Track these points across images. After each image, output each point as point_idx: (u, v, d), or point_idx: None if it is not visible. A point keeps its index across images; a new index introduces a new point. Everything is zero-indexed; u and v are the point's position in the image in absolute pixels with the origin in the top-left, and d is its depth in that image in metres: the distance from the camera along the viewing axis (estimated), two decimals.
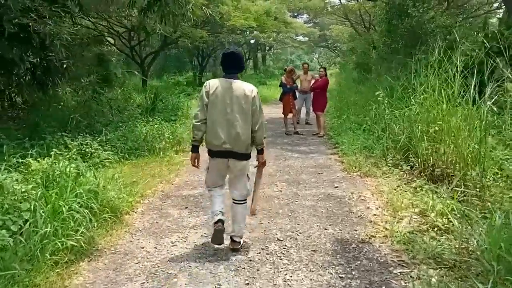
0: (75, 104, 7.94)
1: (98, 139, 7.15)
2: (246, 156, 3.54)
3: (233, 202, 3.70)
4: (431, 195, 4.90)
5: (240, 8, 20.67)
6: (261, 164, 3.72)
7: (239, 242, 3.73)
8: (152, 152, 7.38)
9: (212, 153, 3.56)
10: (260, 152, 3.64)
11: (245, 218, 3.78)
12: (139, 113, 9.84)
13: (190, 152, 3.72)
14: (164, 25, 15.55)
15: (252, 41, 40.55)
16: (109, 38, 20.54)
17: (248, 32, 29.27)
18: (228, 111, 3.39)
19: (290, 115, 10.21)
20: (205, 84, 3.51)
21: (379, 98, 7.03)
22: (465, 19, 19.25)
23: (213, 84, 3.47)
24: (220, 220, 3.56)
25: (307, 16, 54.58)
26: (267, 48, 49.17)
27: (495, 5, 21.44)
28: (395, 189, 5.38)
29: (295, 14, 49.85)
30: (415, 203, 4.70)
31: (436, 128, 5.58)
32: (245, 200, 3.71)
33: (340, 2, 28.17)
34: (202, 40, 22.45)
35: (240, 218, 3.67)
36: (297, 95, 11.54)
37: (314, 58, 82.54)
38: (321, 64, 60.90)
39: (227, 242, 3.78)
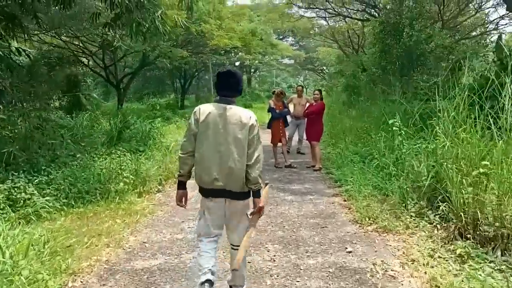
0: (13, 134, 6.38)
1: (36, 180, 5.56)
2: (246, 195, 2.97)
3: (232, 248, 3.16)
4: (488, 268, 3.45)
5: (223, 27, 19.40)
6: (258, 211, 3.00)
7: None
8: (106, 196, 5.77)
9: (205, 192, 3.00)
10: (257, 194, 2.97)
11: (246, 264, 3.32)
12: (101, 143, 8.26)
13: (176, 189, 3.16)
14: (135, 42, 14.17)
15: (237, 63, 39.67)
16: (83, 59, 19.13)
17: (233, 54, 28.13)
18: (221, 142, 2.88)
19: (280, 145, 8.74)
20: (195, 110, 2.98)
21: (394, 128, 5.55)
22: (460, 40, 18.31)
23: (204, 109, 2.93)
24: (208, 281, 2.89)
25: (293, 38, 54.36)
26: (253, 70, 48.35)
27: (491, 26, 20.63)
28: (431, 256, 3.90)
29: (281, 36, 49.38)
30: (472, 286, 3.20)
31: (483, 170, 4.13)
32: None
33: (328, 23, 27.23)
34: (183, 61, 21.10)
35: (241, 265, 2.99)
36: (289, 121, 10.12)
37: (300, 81, 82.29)
38: (306, 86, 60.31)
39: None
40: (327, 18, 25.35)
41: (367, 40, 24.05)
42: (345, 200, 6.02)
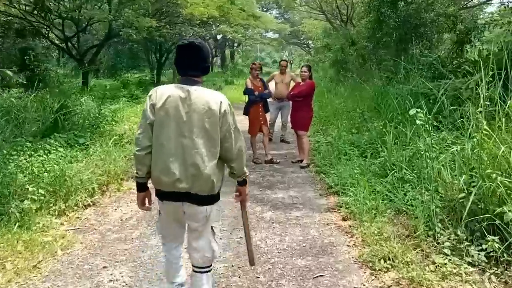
0: None
1: None
2: (210, 200, 2.39)
3: (193, 270, 2.53)
4: None
5: None
6: (243, 199, 2.69)
7: None
8: (6, 219, 4.00)
9: (160, 195, 2.40)
10: (242, 183, 2.60)
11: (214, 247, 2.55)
12: (31, 134, 6.43)
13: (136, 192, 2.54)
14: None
15: (218, 37, 37.41)
16: (44, 30, 17.01)
17: (214, 26, 25.88)
18: (184, 134, 2.28)
19: (260, 135, 7.02)
20: (150, 93, 2.37)
21: (417, 121, 3.85)
22: (463, 8, 16.61)
23: (162, 92, 2.33)
24: None
25: (277, 11, 52.12)
26: (236, 44, 46.17)
27: None
28: None
29: (265, 9, 47.19)
30: None
31: None
32: (210, 266, 2.53)
33: None
34: (157, 33, 19.00)
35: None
36: (270, 104, 8.38)
37: (284, 56, 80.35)
38: (291, 61, 58.38)
39: None
40: None
41: (357, 11, 22.32)
42: (344, 219, 4.38)
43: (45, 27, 16.47)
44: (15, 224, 3.88)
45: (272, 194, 5.30)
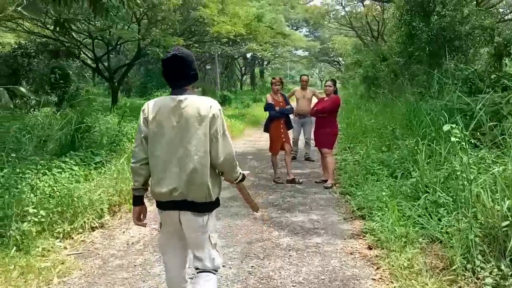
0: None
1: None
2: (207, 207, 2.39)
3: (197, 272, 2.47)
4: None
5: (227, 12, 17.30)
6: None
7: None
8: (7, 241, 3.77)
9: (159, 205, 2.43)
10: (241, 181, 2.61)
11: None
12: (46, 152, 6.31)
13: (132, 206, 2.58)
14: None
15: (248, 55, 37.50)
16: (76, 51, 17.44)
17: (243, 45, 25.83)
18: (177, 143, 2.31)
19: (282, 153, 6.66)
20: (143, 107, 2.41)
21: (452, 138, 3.39)
22: (500, 21, 15.89)
23: (154, 105, 2.38)
24: None
25: (307, 29, 52.10)
26: (266, 62, 46.21)
27: None
28: None
29: (295, 27, 47.23)
30: None
31: None
32: (213, 271, 2.45)
33: (344, 9, 24.91)
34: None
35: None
36: (294, 120, 8.04)
37: (315, 74, 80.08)
38: (322, 78, 57.79)
39: None
40: (343, 2, 23.04)
41: (388, 26, 21.90)
42: (370, 247, 3.93)
43: (75, 47, 16.82)
44: (13, 248, 3.65)
45: (292, 217, 4.89)
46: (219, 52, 25.58)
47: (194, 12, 16.15)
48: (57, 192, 4.62)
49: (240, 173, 2.58)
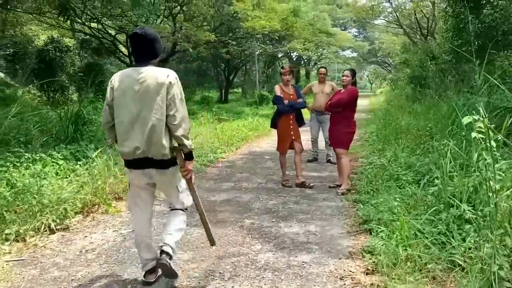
0: None
1: None
2: (170, 163, 2.78)
3: (170, 208, 3.04)
4: None
5: (263, 8, 16.64)
6: (186, 175, 2.89)
7: (169, 257, 2.75)
8: None
9: (127, 164, 2.81)
10: (188, 156, 2.84)
11: (181, 232, 2.95)
12: (40, 144, 5.92)
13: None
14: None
15: (293, 55, 36.66)
16: (121, 47, 17.57)
17: (284, 43, 24.97)
18: (138, 107, 2.65)
19: (292, 152, 5.88)
20: (111, 79, 2.78)
21: (474, 134, 2.50)
22: None
23: (119, 76, 2.75)
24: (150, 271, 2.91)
25: (357, 29, 50.51)
26: (312, 63, 45.12)
27: None
28: None
29: (343, 27, 45.88)
30: None
31: None
32: (184, 210, 3.01)
33: (392, 5, 23.49)
34: (217, 48, 18.61)
35: (177, 225, 2.92)
36: (311, 116, 7.24)
37: (364, 76, 77.83)
38: (371, 81, 55.84)
39: None
40: None
41: (440, 24, 20.45)
42: (367, 272, 3.08)
43: (111, 43, 16.80)
44: None
45: (285, 228, 4.11)
46: (259, 51, 24.95)
47: (228, 7, 15.62)
48: (15, 189, 4.11)
49: (191, 146, 2.80)
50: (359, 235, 3.87)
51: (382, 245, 3.25)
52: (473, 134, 2.40)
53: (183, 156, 2.82)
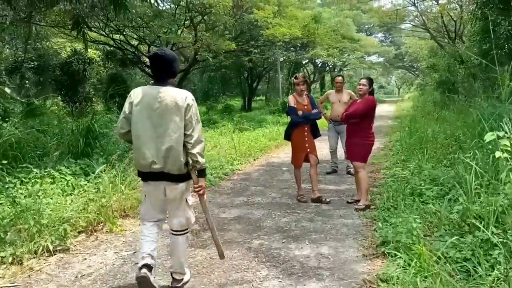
0: None
1: None
2: (183, 177, 2.93)
3: (171, 233, 3.09)
4: None
5: (284, 15, 16.43)
6: (199, 190, 2.96)
7: (181, 279, 3.11)
8: None
9: (142, 176, 2.98)
10: (201, 174, 2.95)
11: (186, 252, 3.18)
12: (51, 159, 5.84)
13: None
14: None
15: (318, 62, 36.23)
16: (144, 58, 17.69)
17: (308, 49, 24.62)
18: (157, 124, 2.83)
19: (308, 165, 5.59)
20: (130, 93, 2.95)
21: (498, 154, 2.16)
22: None
23: (138, 92, 2.91)
24: (146, 265, 2.85)
25: (383, 34, 49.67)
26: (338, 69, 44.58)
27: None
28: None
29: (368, 33, 45.19)
30: None
31: None
32: (186, 230, 3.09)
33: (417, 8, 22.87)
34: (240, 56, 18.49)
35: (180, 252, 3.06)
36: (328, 126, 6.96)
37: (392, 81, 76.50)
38: (399, 86, 54.73)
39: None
40: (415, 1, 21.11)
41: (467, 27, 19.80)
42: None
43: (133, 54, 16.89)
44: None
45: (296, 250, 3.82)
46: (282, 58, 24.72)
47: (248, 15, 15.48)
48: (14, 208, 3.99)
49: (204, 164, 2.92)
50: (375, 259, 3.55)
51: (400, 273, 2.94)
52: (498, 154, 2.08)
53: (196, 172, 2.92)
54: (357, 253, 3.72)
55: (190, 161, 2.86)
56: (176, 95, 2.82)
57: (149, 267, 2.84)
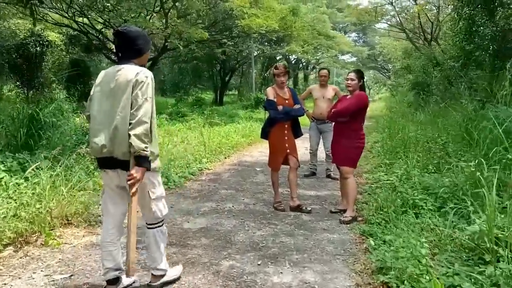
0: None
1: None
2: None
3: (145, 226, 2.86)
4: None
5: (261, 5, 15.70)
6: (128, 180, 2.49)
7: (159, 276, 2.86)
8: None
9: (98, 163, 2.76)
10: (138, 161, 2.48)
11: (161, 247, 2.84)
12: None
13: None
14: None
15: (292, 58, 35.75)
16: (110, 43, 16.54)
17: (283, 44, 23.98)
18: (109, 105, 2.60)
19: (285, 168, 4.89)
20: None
21: None
22: None
23: (102, 73, 2.76)
24: (110, 282, 2.72)
25: (356, 34, 49.78)
26: (311, 67, 44.34)
27: None
28: None
29: (342, 31, 45.18)
30: None
31: None
32: (158, 224, 2.82)
33: (395, 8, 22.59)
34: (212, 47, 17.66)
35: (153, 246, 2.82)
36: (310, 125, 6.32)
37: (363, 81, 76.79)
38: (369, 86, 55.16)
39: None
40: (393, 1, 20.81)
41: (444, 29, 19.69)
42: None
43: (97, 39, 15.81)
44: None
45: (274, 275, 3.11)
46: (256, 52, 24.01)
47: (223, 3, 14.65)
48: None
49: (142, 150, 2.45)
50: (369, 286, 2.88)
51: None
52: None
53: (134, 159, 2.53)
54: (349, 281, 3.04)
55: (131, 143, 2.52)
56: (129, 72, 2.55)
57: (114, 280, 2.72)
